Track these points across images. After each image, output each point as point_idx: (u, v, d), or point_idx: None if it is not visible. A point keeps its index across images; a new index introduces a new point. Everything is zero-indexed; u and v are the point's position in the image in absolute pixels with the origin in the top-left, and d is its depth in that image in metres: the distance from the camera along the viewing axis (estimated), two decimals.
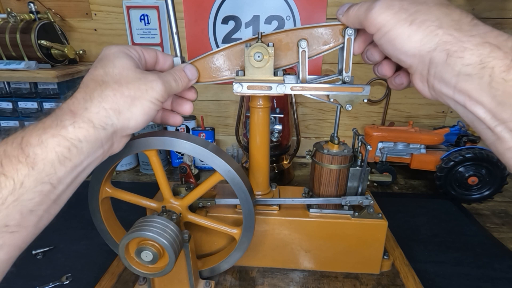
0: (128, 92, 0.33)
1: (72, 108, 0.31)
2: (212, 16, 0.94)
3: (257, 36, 0.42)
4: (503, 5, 0.86)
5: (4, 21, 0.88)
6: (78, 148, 0.30)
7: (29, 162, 0.27)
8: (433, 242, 0.67)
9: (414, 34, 0.29)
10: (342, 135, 1.05)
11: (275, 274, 0.57)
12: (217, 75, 0.45)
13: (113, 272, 0.58)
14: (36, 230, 0.30)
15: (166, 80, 0.37)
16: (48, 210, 0.30)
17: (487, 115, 0.26)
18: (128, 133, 0.35)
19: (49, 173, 0.28)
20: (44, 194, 0.28)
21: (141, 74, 0.35)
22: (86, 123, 0.30)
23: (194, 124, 1.01)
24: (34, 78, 0.85)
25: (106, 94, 0.32)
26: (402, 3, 0.30)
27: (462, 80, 0.27)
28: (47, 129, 0.29)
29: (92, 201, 0.51)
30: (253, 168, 0.56)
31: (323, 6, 0.90)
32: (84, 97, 0.31)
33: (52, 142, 0.28)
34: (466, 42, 0.27)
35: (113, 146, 0.35)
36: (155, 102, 0.35)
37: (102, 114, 0.31)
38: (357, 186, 0.54)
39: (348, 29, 0.39)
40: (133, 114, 0.33)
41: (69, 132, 0.29)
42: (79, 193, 0.96)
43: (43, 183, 0.28)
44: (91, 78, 0.33)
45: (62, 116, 0.30)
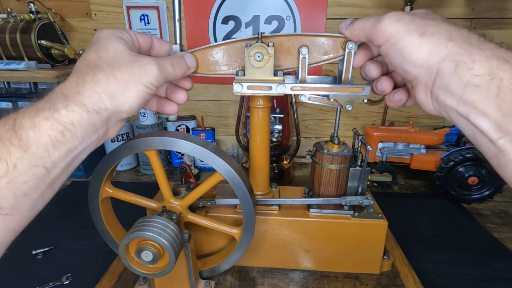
0: (122, 75, 0.32)
1: (65, 91, 0.30)
2: (212, 16, 0.94)
3: (257, 36, 0.42)
4: (503, 5, 0.86)
5: (4, 21, 0.88)
6: (72, 132, 0.29)
7: (22, 145, 0.27)
8: (433, 242, 0.67)
9: (424, 45, 0.29)
10: (342, 135, 1.05)
11: (275, 274, 0.57)
12: (215, 68, 0.45)
13: (113, 272, 0.58)
14: (31, 214, 0.30)
15: (162, 64, 0.35)
16: (42, 195, 0.30)
17: (491, 127, 0.26)
18: (123, 117, 0.34)
19: (42, 157, 0.28)
20: (38, 177, 0.28)
21: (135, 57, 0.34)
22: (79, 107, 0.30)
23: (194, 124, 1.01)
24: (34, 78, 0.85)
25: (98, 78, 0.31)
26: (412, 17, 0.31)
27: (469, 91, 0.27)
28: (40, 111, 0.29)
29: (92, 201, 0.51)
30: (253, 168, 0.56)
31: (323, 6, 0.90)
32: (77, 81, 0.31)
33: (45, 125, 0.28)
34: (476, 54, 0.27)
35: (108, 131, 0.34)
36: (149, 86, 0.34)
37: (95, 98, 0.31)
38: (357, 186, 0.54)
39: (349, 42, 0.40)
40: (127, 98, 0.33)
41: (62, 115, 0.29)
42: (79, 193, 0.96)
43: (36, 167, 0.28)
44: (84, 63, 0.33)
45: (55, 99, 0.30)
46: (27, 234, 0.72)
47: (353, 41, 0.39)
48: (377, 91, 0.40)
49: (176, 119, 1.00)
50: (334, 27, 0.93)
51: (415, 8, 0.87)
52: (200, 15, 0.94)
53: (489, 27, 0.89)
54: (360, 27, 0.36)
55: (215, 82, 1.02)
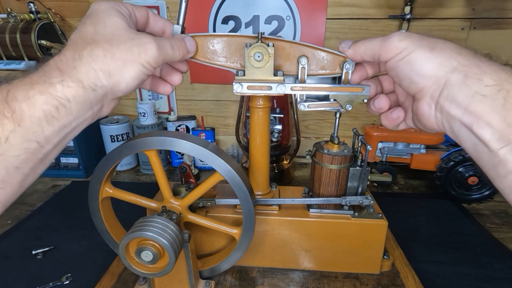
0: (120, 54, 0.31)
1: (60, 66, 0.29)
2: (212, 16, 0.94)
3: (257, 35, 0.42)
4: (503, 5, 0.86)
5: (4, 21, 0.88)
6: (67, 108, 0.29)
7: (15, 118, 0.26)
8: (433, 242, 0.67)
9: (434, 58, 0.31)
10: (342, 135, 1.05)
11: (275, 274, 0.57)
12: (212, 58, 0.44)
13: (113, 272, 0.58)
14: (21, 188, 0.29)
15: (162, 45, 0.34)
16: (34, 169, 0.29)
17: (493, 137, 0.27)
18: (119, 96, 0.34)
19: (35, 131, 0.27)
20: (30, 152, 0.28)
21: (135, 35, 0.32)
22: (75, 83, 0.29)
23: (194, 124, 1.01)
24: None
25: (96, 54, 0.30)
26: (420, 35, 0.33)
27: (475, 101, 0.28)
28: (34, 85, 0.28)
29: (92, 201, 0.51)
30: (253, 168, 0.56)
31: (323, 6, 0.90)
32: (73, 55, 0.30)
33: (40, 99, 0.27)
34: (485, 67, 0.28)
35: (102, 108, 0.33)
36: (147, 66, 0.33)
37: (91, 74, 0.30)
38: (357, 186, 0.54)
39: (346, 63, 0.41)
40: (124, 77, 0.32)
41: (57, 90, 0.28)
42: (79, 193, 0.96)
43: (29, 141, 0.27)
44: (80, 36, 0.31)
45: (50, 73, 0.29)
46: (27, 234, 0.72)
47: (355, 60, 0.40)
48: (374, 108, 0.41)
49: (176, 119, 1.00)
50: (334, 27, 0.93)
51: (415, 8, 0.87)
52: (200, 15, 0.94)
53: (489, 27, 0.89)
54: (366, 46, 0.37)
55: (215, 82, 1.02)
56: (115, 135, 0.96)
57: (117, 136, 0.96)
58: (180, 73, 0.43)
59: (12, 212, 0.77)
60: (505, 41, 0.90)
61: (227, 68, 0.45)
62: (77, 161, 0.94)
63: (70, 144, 0.92)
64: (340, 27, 0.93)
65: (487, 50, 0.91)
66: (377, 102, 0.40)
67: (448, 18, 0.89)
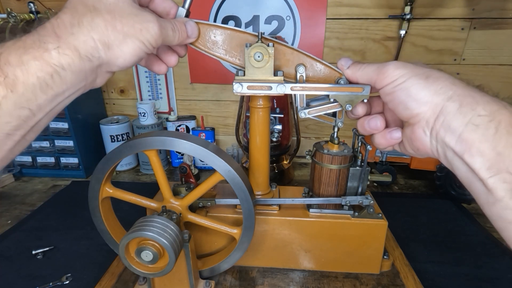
0: (121, 27, 0.30)
1: (57, 31, 0.28)
2: (212, 16, 0.94)
3: (258, 35, 0.42)
4: (503, 5, 0.86)
5: (4, 21, 0.88)
6: (62, 76, 0.28)
7: (8, 83, 0.25)
8: (433, 242, 0.67)
9: (430, 85, 0.32)
10: (342, 135, 1.05)
11: (275, 274, 0.57)
12: (211, 48, 0.44)
13: (113, 272, 0.58)
14: (11, 154, 0.29)
15: (164, 26, 0.34)
16: (24, 136, 0.29)
17: (483, 166, 0.28)
18: (113, 70, 0.33)
19: (28, 99, 0.27)
20: (22, 119, 0.27)
21: (138, 11, 0.31)
22: (71, 51, 0.28)
23: (194, 124, 1.01)
24: None
25: (96, 23, 0.29)
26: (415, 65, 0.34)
27: (469, 130, 0.29)
28: (29, 49, 0.26)
29: (92, 201, 0.51)
30: (253, 168, 0.56)
31: (323, 6, 0.90)
32: (71, 21, 0.28)
33: (34, 65, 0.26)
34: (478, 98, 0.29)
35: (96, 79, 0.33)
36: (147, 44, 0.32)
37: (89, 44, 0.29)
38: (357, 186, 0.54)
39: (341, 79, 0.42)
40: (123, 52, 0.31)
41: (52, 57, 0.27)
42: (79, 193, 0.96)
43: (22, 108, 0.27)
44: (80, 1, 0.29)
45: (46, 37, 0.27)
46: (27, 234, 0.72)
47: (350, 81, 0.41)
48: (368, 128, 0.40)
49: (176, 119, 1.00)
50: (334, 27, 0.93)
51: (415, 8, 0.87)
52: (200, 15, 0.94)
53: (489, 27, 0.89)
54: (363, 72, 0.38)
55: (215, 82, 1.02)
56: (115, 135, 0.96)
57: (117, 136, 0.96)
58: (176, 55, 0.42)
59: (12, 212, 0.77)
60: (505, 41, 0.90)
61: (226, 61, 0.45)
62: (77, 161, 0.94)
63: (70, 144, 0.92)
64: (340, 27, 0.93)
65: (487, 50, 0.91)
66: (373, 122, 0.40)
67: (448, 18, 0.89)
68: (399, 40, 0.90)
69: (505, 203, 0.27)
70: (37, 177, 0.96)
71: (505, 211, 0.27)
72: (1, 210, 0.78)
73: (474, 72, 0.95)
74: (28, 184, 0.92)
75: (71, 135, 0.90)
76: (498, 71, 0.94)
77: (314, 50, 0.95)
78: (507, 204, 0.27)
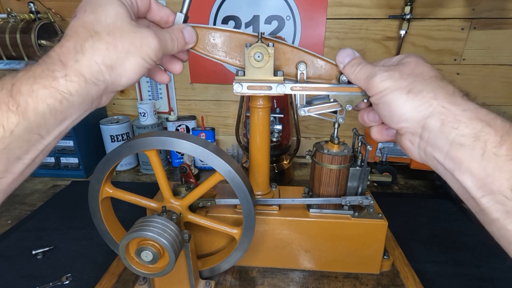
0: (122, 46, 0.31)
1: (62, 58, 0.29)
2: (212, 16, 0.94)
3: (258, 35, 0.42)
4: (503, 5, 0.86)
5: (4, 21, 0.88)
6: (69, 101, 0.29)
7: (20, 111, 0.27)
8: (433, 242, 0.67)
9: (410, 101, 0.31)
10: (342, 135, 1.05)
11: (275, 274, 0.57)
12: (211, 51, 0.44)
13: (113, 272, 0.58)
14: (22, 177, 0.30)
15: (163, 38, 0.34)
16: (34, 159, 0.30)
17: (474, 185, 0.27)
18: (118, 89, 0.34)
19: (39, 124, 0.28)
20: (32, 143, 0.28)
21: (136, 28, 0.32)
22: (78, 77, 0.29)
23: (194, 124, 1.01)
24: None
25: (98, 46, 0.30)
26: (401, 73, 0.33)
27: (454, 148, 0.28)
28: (38, 79, 0.28)
29: (92, 201, 0.51)
30: (253, 168, 0.56)
31: (323, 6, 0.90)
32: (75, 47, 0.30)
33: (44, 93, 0.28)
34: (459, 116, 0.29)
35: (102, 100, 0.34)
36: (148, 60, 0.33)
37: (94, 68, 0.30)
38: (357, 186, 0.54)
39: (343, 76, 0.42)
40: (126, 70, 0.32)
41: (60, 84, 0.28)
42: (79, 193, 0.96)
43: (32, 133, 0.28)
44: (81, 25, 0.30)
45: (53, 66, 0.29)
46: (27, 234, 0.72)
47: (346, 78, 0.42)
48: (367, 120, 0.41)
49: (176, 119, 1.00)
50: (334, 27, 0.93)
51: (415, 8, 0.87)
52: (200, 15, 0.94)
53: (489, 27, 0.89)
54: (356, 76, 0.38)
55: (215, 82, 1.02)
56: (115, 135, 0.96)
57: (117, 136, 0.96)
58: (181, 62, 0.43)
59: (12, 212, 0.77)
60: (505, 41, 0.90)
61: (226, 63, 0.45)
62: (77, 161, 0.94)
63: (70, 144, 0.92)
64: (340, 27, 0.93)
65: (487, 50, 0.91)
66: (372, 115, 0.40)
67: (448, 18, 0.89)
68: (399, 40, 0.90)
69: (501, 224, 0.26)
70: (37, 177, 0.96)
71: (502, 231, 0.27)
72: (1, 210, 0.78)
73: (474, 72, 0.95)
74: (28, 184, 0.92)
75: (71, 135, 0.90)
76: (498, 71, 0.94)
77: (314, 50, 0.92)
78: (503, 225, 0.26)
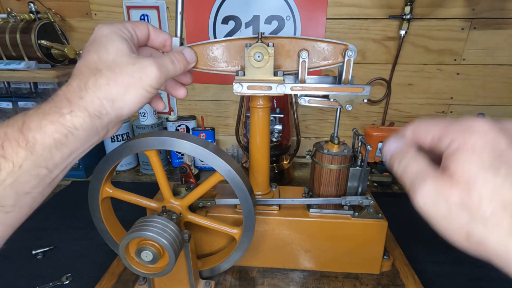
0: (122, 79, 0.33)
1: (68, 96, 0.31)
2: (212, 16, 0.94)
3: (257, 35, 0.42)
4: (503, 5, 0.86)
5: (4, 21, 0.88)
6: (75, 135, 0.31)
7: (28, 147, 0.28)
8: (433, 242, 0.66)
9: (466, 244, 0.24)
10: (342, 135, 1.05)
11: (275, 274, 0.57)
12: (213, 64, 0.45)
13: (113, 272, 0.58)
14: (30, 210, 0.31)
15: (162, 63, 0.36)
16: (42, 192, 0.31)
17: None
18: (122, 119, 0.36)
19: (46, 158, 0.29)
20: (40, 177, 0.30)
21: (136, 59, 0.34)
22: (82, 112, 0.31)
23: (194, 124, 1.01)
24: (34, 78, 0.85)
25: (99, 83, 0.32)
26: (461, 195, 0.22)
27: None
28: (46, 115, 0.30)
29: (92, 201, 0.51)
30: (253, 168, 0.56)
31: (323, 6, 0.90)
32: (79, 85, 0.32)
33: (51, 128, 0.29)
34: None
35: (107, 132, 0.36)
36: (149, 89, 0.34)
37: (96, 103, 0.32)
38: (357, 186, 0.54)
39: (348, 50, 0.41)
40: (126, 102, 0.33)
41: (67, 120, 0.30)
42: (79, 193, 0.96)
43: (40, 167, 0.29)
44: (85, 65, 0.33)
45: (60, 103, 0.31)
46: (27, 234, 0.72)
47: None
48: None
49: (176, 119, 1.00)
50: (334, 27, 0.93)
51: (415, 8, 0.87)
52: (200, 15, 0.94)
53: (489, 27, 0.89)
54: (401, 175, 0.26)
55: (215, 82, 1.02)
56: (115, 135, 0.95)
57: (117, 136, 0.96)
58: (184, 87, 0.44)
59: None
60: (505, 41, 0.90)
61: (229, 73, 0.45)
62: (77, 161, 0.94)
63: None
64: (340, 27, 0.93)
65: (487, 50, 0.91)
66: None
67: (448, 18, 0.89)
68: (399, 40, 0.90)
69: None
70: None
71: None
72: None
73: (474, 72, 0.95)
74: None
75: None
76: (498, 71, 0.94)
77: None
78: None
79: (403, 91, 0.99)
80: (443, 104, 1.00)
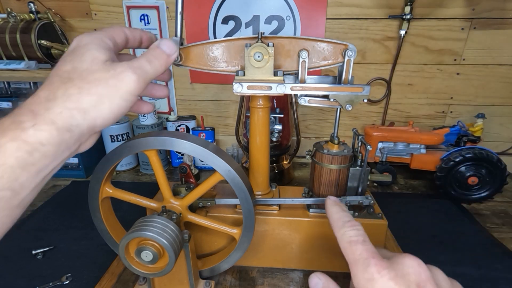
0: (95, 89, 0.29)
1: (33, 108, 0.28)
2: (212, 16, 0.94)
3: (257, 36, 0.42)
4: (503, 5, 0.86)
5: (4, 21, 0.88)
6: (41, 152, 0.27)
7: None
8: (433, 242, 0.67)
9: None
10: (342, 135, 1.05)
11: (275, 274, 0.57)
12: (213, 64, 0.45)
13: (113, 272, 0.58)
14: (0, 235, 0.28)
15: (138, 66, 0.32)
16: (10, 215, 0.28)
17: None
18: (96, 131, 0.32)
19: (10, 180, 0.26)
20: (4, 200, 0.26)
21: (110, 66, 0.31)
22: (48, 125, 0.27)
23: (194, 124, 1.01)
24: (34, 78, 0.86)
25: (70, 92, 0.29)
26: None
27: None
28: (6, 131, 0.26)
29: (92, 201, 0.51)
30: (253, 168, 0.56)
31: (323, 6, 0.90)
32: (47, 96, 0.29)
33: (11, 146, 0.26)
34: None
35: (81, 146, 0.32)
36: (128, 97, 0.31)
37: (65, 114, 0.28)
38: (357, 186, 0.54)
39: (348, 50, 0.41)
40: (101, 112, 0.30)
41: (29, 135, 0.26)
42: (79, 193, 0.96)
43: (3, 190, 0.26)
44: (57, 74, 0.30)
45: (21, 116, 0.27)
46: (27, 234, 0.72)
47: None
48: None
49: (176, 119, 1.00)
50: (334, 27, 0.93)
51: (415, 8, 0.87)
52: (200, 15, 0.94)
53: (489, 27, 0.89)
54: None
55: (215, 82, 1.02)
56: (115, 135, 0.96)
57: (117, 136, 0.96)
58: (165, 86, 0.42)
59: None
60: (505, 41, 0.90)
61: (229, 73, 0.45)
62: (77, 161, 0.94)
63: None
64: (340, 27, 0.93)
65: (487, 50, 0.92)
66: None
67: (448, 18, 0.89)
68: (399, 40, 0.91)
69: None
70: None
71: None
72: None
73: (474, 72, 0.95)
74: None
75: None
76: (498, 71, 0.94)
77: None
78: None
79: (403, 91, 1.00)
80: (443, 104, 1.00)
